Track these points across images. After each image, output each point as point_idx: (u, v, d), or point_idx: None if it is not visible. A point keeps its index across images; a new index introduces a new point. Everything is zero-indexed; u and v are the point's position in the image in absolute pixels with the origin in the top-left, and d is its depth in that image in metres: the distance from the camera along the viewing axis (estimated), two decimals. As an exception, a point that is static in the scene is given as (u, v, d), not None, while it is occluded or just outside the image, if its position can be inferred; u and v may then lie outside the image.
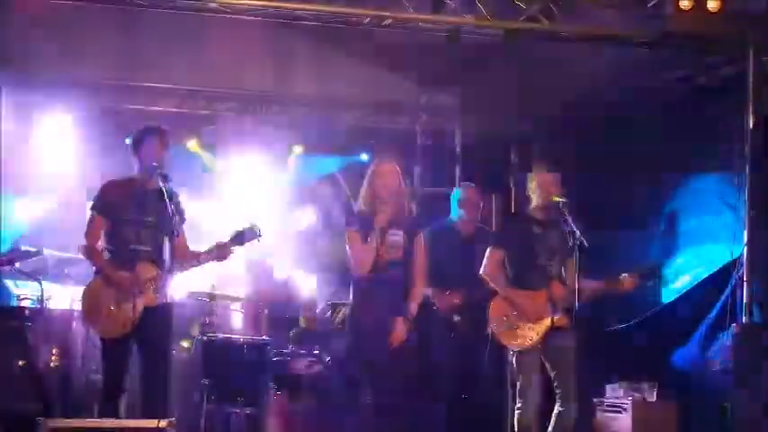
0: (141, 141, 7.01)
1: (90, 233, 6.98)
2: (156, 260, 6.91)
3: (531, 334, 7.24)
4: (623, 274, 7.35)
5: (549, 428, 7.26)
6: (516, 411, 7.30)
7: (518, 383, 7.32)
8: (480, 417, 8.56)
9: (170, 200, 6.84)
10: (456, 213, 8.63)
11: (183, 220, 7.04)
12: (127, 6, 8.40)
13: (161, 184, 6.84)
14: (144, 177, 6.98)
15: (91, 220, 7.00)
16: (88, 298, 6.95)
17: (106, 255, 6.95)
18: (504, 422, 8.18)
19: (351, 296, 7.27)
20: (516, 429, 7.29)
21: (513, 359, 7.37)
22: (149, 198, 6.94)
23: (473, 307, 8.32)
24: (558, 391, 7.25)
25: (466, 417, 8.54)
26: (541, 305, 7.24)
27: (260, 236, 7.10)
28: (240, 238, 7.07)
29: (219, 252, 7.05)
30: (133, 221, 6.92)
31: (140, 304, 6.82)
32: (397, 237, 7.04)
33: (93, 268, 6.99)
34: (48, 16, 9.19)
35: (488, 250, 7.48)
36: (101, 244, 6.95)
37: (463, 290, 8.30)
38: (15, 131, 9.58)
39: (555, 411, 7.24)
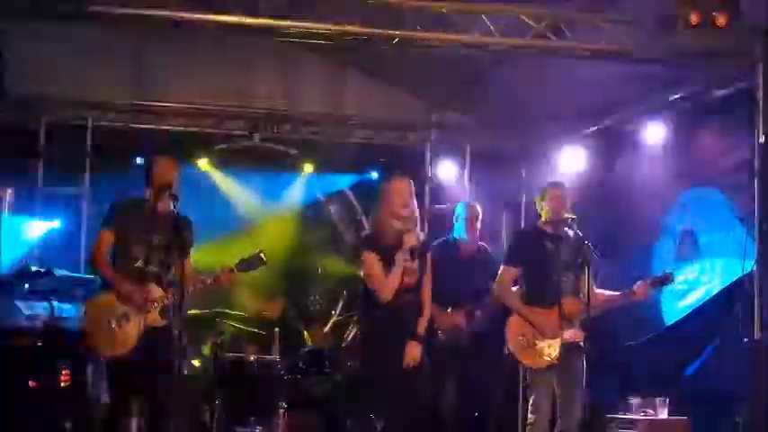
0: (153, 163, 7.04)
1: (97, 247, 7.00)
2: (163, 282, 6.93)
3: (549, 352, 7.22)
4: (637, 283, 7.33)
5: None
6: (528, 428, 7.29)
7: (531, 399, 7.30)
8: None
9: (179, 222, 6.86)
10: (458, 231, 8.62)
11: (191, 243, 7.05)
12: (137, 26, 8.41)
13: (171, 206, 6.86)
14: (155, 199, 7.00)
15: (99, 236, 7.03)
16: (90, 316, 6.95)
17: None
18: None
19: (363, 321, 7.21)
20: None
21: (529, 377, 7.35)
22: (159, 219, 6.95)
23: (475, 324, 8.31)
24: (560, 409, 7.23)
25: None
26: (555, 321, 7.23)
27: (264, 263, 7.11)
28: (245, 265, 7.09)
29: (224, 278, 7.08)
30: (142, 241, 6.93)
31: (143, 324, 6.83)
32: (411, 261, 6.99)
33: (99, 284, 7.02)
34: (60, 36, 9.26)
35: (501, 268, 7.48)
36: (108, 260, 6.97)
37: (464, 308, 8.29)
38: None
39: (557, 429, 7.23)
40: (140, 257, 6.91)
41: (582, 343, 7.10)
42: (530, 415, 7.27)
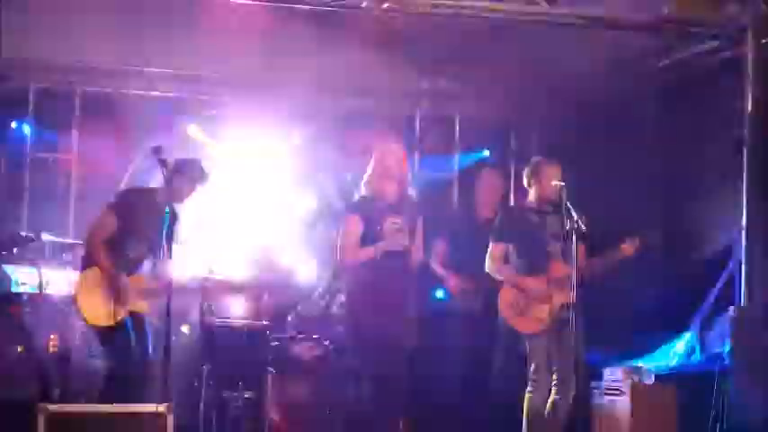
0: (182, 173, 7.14)
1: (101, 226, 7.05)
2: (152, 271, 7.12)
3: (542, 316, 7.31)
4: (624, 241, 7.35)
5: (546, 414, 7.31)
6: (527, 395, 7.34)
7: (531, 366, 7.35)
8: (491, 404, 8.59)
9: (173, 222, 7.04)
10: (475, 197, 8.70)
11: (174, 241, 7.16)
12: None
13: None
14: (164, 197, 7.10)
15: (105, 216, 7.06)
16: (82, 286, 7.08)
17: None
18: (514, 408, 8.22)
19: (348, 285, 7.24)
20: (526, 413, 7.35)
21: (526, 344, 7.41)
22: (161, 217, 7.02)
23: (486, 292, 8.33)
24: (555, 379, 7.28)
25: (477, 407, 8.58)
26: (545, 287, 7.30)
27: None
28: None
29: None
30: (140, 234, 7.10)
31: (126, 311, 7.02)
32: (398, 225, 7.02)
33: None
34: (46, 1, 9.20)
35: (490, 245, 7.54)
36: (104, 247, 7.06)
37: (477, 275, 8.32)
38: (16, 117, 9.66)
39: (551, 399, 7.28)
40: (134, 249, 7.03)
41: (573, 307, 7.14)
42: (529, 384, 7.35)
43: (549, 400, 7.31)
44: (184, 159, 7.27)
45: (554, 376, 7.30)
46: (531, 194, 7.53)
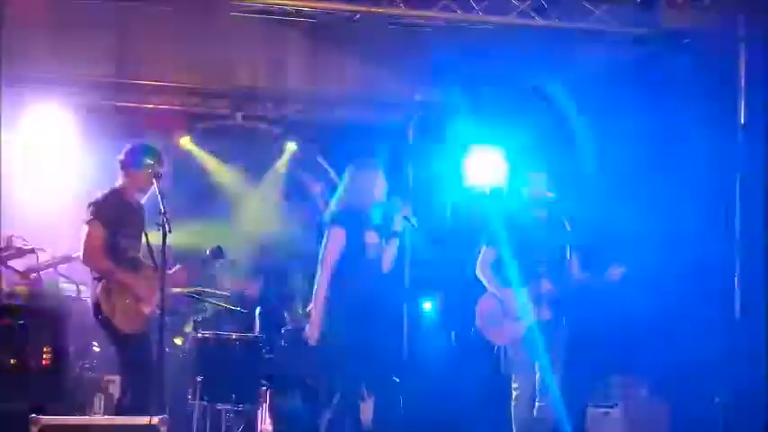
0: (134, 162, 7.13)
1: (93, 239, 7.04)
2: (153, 266, 7.10)
3: (516, 328, 7.32)
4: (611, 266, 7.37)
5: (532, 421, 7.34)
6: (513, 404, 7.36)
7: (512, 376, 7.38)
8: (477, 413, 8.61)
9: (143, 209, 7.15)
10: None
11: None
12: (120, 3, 8.39)
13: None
14: (128, 190, 7.15)
15: (91, 230, 7.05)
16: (105, 292, 7.04)
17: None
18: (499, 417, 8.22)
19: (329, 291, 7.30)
20: (513, 421, 7.35)
21: (506, 354, 7.44)
22: (137, 209, 7.17)
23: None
24: (539, 386, 7.31)
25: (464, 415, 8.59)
26: (524, 300, 7.30)
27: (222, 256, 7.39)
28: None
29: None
30: (129, 233, 7.10)
31: (153, 307, 7.02)
32: (372, 239, 7.17)
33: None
34: (41, 13, 9.20)
35: (483, 249, 7.56)
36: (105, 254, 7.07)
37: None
38: (7, 129, 9.62)
39: (536, 406, 7.30)
40: (130, 247, 7.10)
41: (557, 322, 7.16)
42: (513, 392, 7.38)
43: (535, 407, 7.34)
44: (133, 148, 7.24)
45: (538, 383, 7.33)
46: (526, 201, 7.57)
